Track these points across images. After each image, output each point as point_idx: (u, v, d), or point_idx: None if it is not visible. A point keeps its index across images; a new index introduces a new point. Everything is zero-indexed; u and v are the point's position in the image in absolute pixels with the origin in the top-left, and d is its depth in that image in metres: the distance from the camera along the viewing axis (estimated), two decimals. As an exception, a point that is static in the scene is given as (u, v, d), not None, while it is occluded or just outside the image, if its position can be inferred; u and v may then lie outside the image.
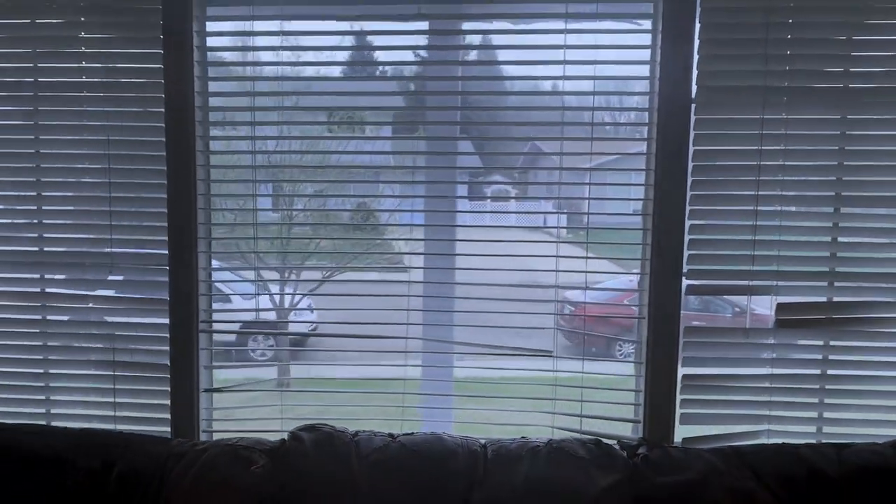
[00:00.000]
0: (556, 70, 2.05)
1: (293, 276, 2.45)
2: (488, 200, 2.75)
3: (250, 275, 2.25)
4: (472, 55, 2.21)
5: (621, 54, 2.07)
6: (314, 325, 2.55)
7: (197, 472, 1.79)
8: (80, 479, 1.78)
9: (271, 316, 2.50)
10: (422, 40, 2.13)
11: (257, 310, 2.22)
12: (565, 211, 2.27)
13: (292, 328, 2.55)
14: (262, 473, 1.78)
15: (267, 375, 2.32)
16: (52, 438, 1.88)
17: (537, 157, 2.45)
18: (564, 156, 2.09)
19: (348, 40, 2.26)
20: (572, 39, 2.04)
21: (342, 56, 2.29)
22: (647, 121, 2.07)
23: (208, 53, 2.12)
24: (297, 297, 2.50)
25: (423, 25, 2.10)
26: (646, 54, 2.05)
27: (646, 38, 2.05)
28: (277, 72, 2.11)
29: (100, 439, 1.89)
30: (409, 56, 2.20)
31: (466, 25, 2.13)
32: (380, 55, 2.32)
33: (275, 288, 2.49)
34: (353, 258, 2.35)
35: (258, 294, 2.22)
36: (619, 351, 2.76)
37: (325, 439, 1.87)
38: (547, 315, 2.14)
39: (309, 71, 2.18)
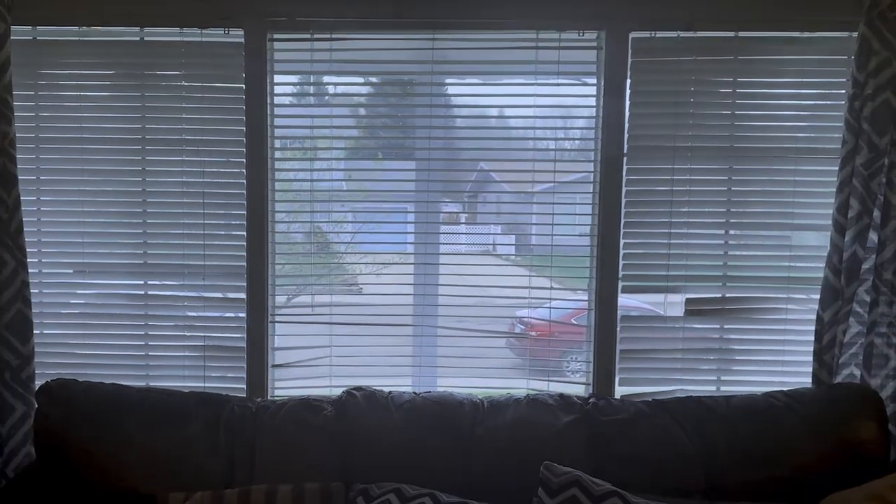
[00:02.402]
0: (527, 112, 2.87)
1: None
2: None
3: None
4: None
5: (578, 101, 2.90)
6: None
7: (283, 416, 2.50)
8: (201, 423, 2.49)
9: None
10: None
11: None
12: (534, 233, 3.07)
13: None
14: (330, 417, 2.51)
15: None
16: (179, 398, 2.57)
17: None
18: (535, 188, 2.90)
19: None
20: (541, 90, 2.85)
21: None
22: (592, 168, 2.88)
23: (276, 120, 2.86)
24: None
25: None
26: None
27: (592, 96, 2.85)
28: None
29: (210, 398, 2.60)
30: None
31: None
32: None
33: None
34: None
35: (313, 295, 2.97)
36: (567, 367, 3.15)
37: (370, 395, 2.60)
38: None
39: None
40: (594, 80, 2.83)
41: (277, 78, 2.84)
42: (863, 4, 2.55)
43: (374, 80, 2.98)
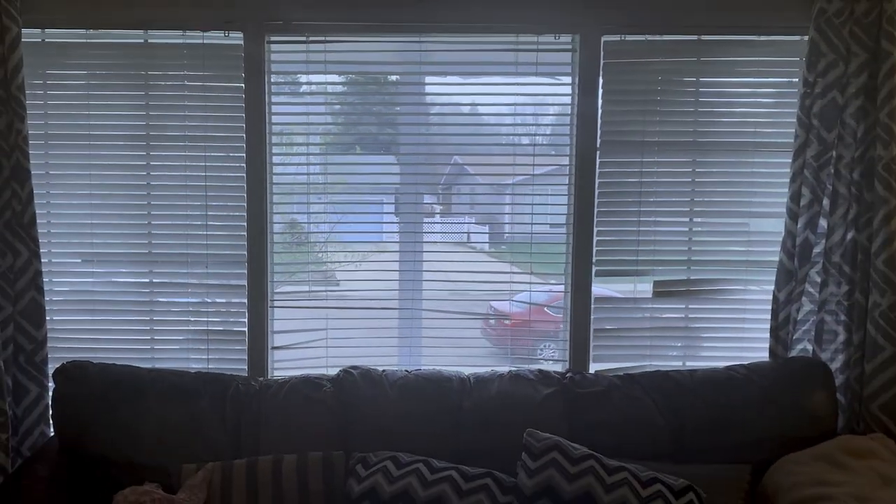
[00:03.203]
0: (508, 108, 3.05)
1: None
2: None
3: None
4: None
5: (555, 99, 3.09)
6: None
7: (286, 392, 2.66)
8: (208, 401, 2.64)
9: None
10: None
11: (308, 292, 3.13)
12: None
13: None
14: (330, 393, 2.67)
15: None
16: (187, 378, 2.71)
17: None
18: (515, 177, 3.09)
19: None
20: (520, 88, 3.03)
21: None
22: (567, 162, 3.06)
23: (274, 118, 3.01)
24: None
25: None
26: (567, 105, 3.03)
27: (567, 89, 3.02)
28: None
29: (216, 377, 2.74)
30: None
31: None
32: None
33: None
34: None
35: (309, 281, 3.14)
36: (541, 354, 3.30)
37: (366, 373, 2.76)
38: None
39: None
40: (570, 80, 3.00)
41: (274, 78, 2.99)
42: (812, 11, 2.76)
43: (365, 79, 3.14)
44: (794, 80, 2.94)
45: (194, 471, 2.44)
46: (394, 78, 3.16)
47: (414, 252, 3.12)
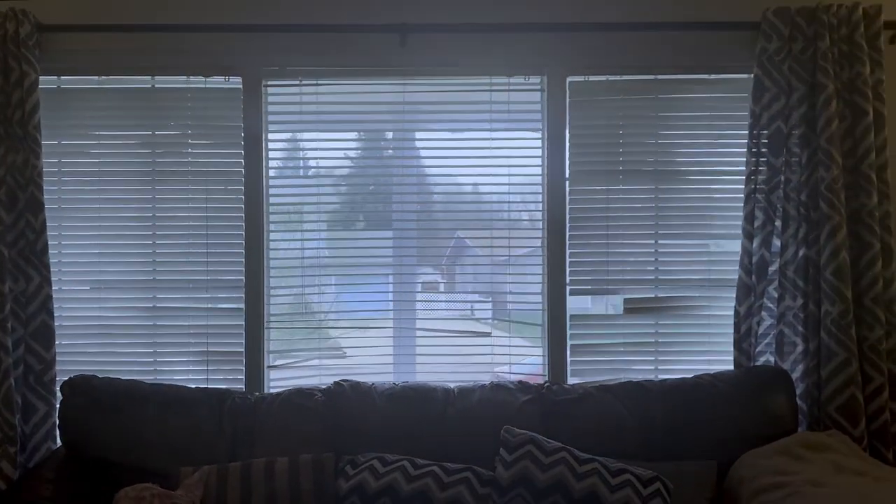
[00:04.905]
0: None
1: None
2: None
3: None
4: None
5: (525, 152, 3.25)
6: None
7: (280, 402, 2.75)
8: (206, 411, 2.73)
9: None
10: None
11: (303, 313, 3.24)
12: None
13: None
14: (321, 402, 2.76)
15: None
16: (187, 391, 2.82)
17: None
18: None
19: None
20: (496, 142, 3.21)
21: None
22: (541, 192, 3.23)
23: (270, 152, 3.19)
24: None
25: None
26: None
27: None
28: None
29: (214, 391, 2.84)
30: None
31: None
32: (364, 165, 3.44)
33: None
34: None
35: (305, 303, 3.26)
36: None
37: (356, 385, 2.85)
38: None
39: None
40: (539, 117, 3.19)
41: (271, 118, 3.17)
42: (755, 51, 2.97)
43: (353, 135, 3.37)
44: (743, 112, 3.09)
45: (191, 473, 2.51)
46: (380, 126, 3.34)
47: (407, 321, 3.27)
